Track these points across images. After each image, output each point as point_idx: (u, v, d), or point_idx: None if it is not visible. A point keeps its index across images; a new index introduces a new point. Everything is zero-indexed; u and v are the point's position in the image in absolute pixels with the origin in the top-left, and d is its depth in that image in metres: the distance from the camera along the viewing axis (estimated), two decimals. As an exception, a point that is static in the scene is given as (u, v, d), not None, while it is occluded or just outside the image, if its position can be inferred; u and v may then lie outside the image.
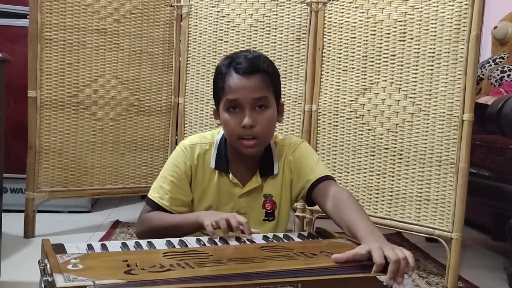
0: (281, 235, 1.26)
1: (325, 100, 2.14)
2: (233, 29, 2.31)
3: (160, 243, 1.16)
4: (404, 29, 1.92)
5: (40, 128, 2.16)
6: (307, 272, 0.98)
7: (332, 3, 2.12)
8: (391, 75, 1.95)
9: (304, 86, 2.20)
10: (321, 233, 1.30)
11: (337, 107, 2.10)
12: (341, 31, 2.09)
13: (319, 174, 1.40)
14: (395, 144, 1.95)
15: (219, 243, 1.18)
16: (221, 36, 2.34)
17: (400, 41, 1.93)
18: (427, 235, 1.94)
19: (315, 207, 1.82)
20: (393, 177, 1.96)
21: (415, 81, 1.89)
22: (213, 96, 1.44)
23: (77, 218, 2.52)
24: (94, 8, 2.23)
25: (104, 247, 1.12)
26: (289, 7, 2.23)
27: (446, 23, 1.82)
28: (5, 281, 1.64)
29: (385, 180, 1.98)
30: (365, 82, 2.02)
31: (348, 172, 2.08)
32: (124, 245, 1.13)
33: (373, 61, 2.00)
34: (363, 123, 2.03)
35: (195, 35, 2.40)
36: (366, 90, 2.02)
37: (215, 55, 2.35)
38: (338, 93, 2.10)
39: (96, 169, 2.30)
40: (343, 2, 2.08)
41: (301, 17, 2.20)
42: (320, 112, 2.16)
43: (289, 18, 2.23)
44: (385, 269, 0.99)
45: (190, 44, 2.41)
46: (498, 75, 2.66)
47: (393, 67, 1.95)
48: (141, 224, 1.43)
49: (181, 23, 2.44)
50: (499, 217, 2.27)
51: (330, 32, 2.13)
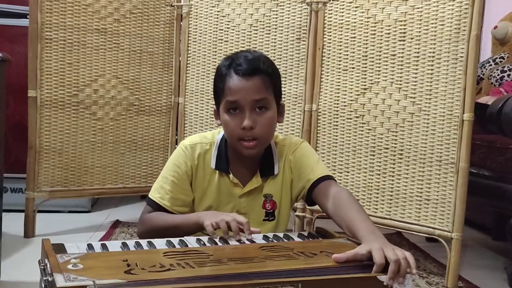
0: (281, 235, 1.26)
1: (325, 100, 2.14)
2: (233, 29, 2.31)
3: (160, 243, 1.16)
4: (404, 29, 1.92)
5: (40, 127, 2.16)
6: (307, 272, 0.98)
7: (332, 3, 2.12)
8: (391, 75, 1.95)
9: (304, 86, 2.20)
10: (321, 233, 1.30)
11: (337, 107, 2.10)
12: (341, 31, 2.09)
13: (320, 174, 1.40)
14: (395, 144, 1.95)
15: (219, 243, 1.18)
16: (221, 35, 2.33)
17: (400, 41, 1.93)
18: (427, 235, 1.94)
19: (315, 207, 1.82)
20: (393, 177, 1.96)
21: (415, 81, 1.89)
22: (213, 96, 1.45)
23: (77, 218, 2.52)
24: (94, 7, 2.23)
25: (104, 247, 1.12)
26: (289, 7, 2.22)
27: (446, 23, 1.82)
28: (5, 281, 1.64)
29: (385, 180, 1.98)
30: (365, 82, 2.02)
31: (348, 172, 2.08)
32: (124, 245, 1.13)
33: (373, 61, 2.00)
34: (363, 123, 2.03)
35: (195, 35, 2.40)
36: (366, 90, 2.02)
37: (215, 54, 2.35)
38: (338, 93, 2.10)
39: (96, 169, 2.30)
40: (343, 2, 2.08)
41: (301, 17, 2.20)
42: (320, 112, 2.16)
43: (289, 17, 2.23)
44: (385, 269, 0.99)
45: (190, 43, 2.41)
46: (498, 75, 2.66)
47: (393, 67, 1.95)
48: (143, 224, 1.43)
49: (181, 23, 2.44)
50: (499, 217, 2.27)
51: (330, 32, 2.13)
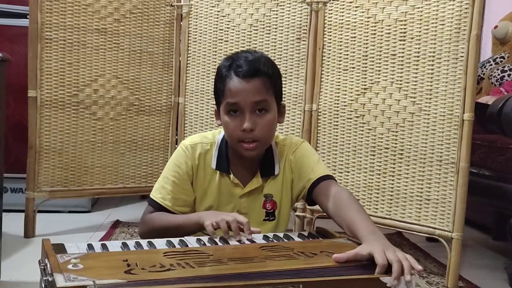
0: (281, 234, 1.26)
1: (326, 99, 2.14)
2: (233, 29, 2.31)
3: (160, 242, 1.16)
4: (404, 28, 1.92)
5: (40, 127, 2.16)
6: (307, 272, 0.98)
7: (332, 3, 2.12)
8: (391, 75, 1.95)
9: (304, 85, 2.20)
10: (321, 232, 1.30)
11: (338, 107, 2.10)
12: (342, 31, 2.09)
13: (320, 173, 1.40)
14: (396, 143, 1.95)
15: (219, 243, 1.18)
16: (221, 35, 2.33)
17: (400, 40, 1.93)
18: (427, 235, 1.94)
19: (316, 207, 1.82)
20: (393, 176, 1.96)
21: (416, 81, 1.89)
22: (214, 96, 1.44)
23: (77, 218, 2.52)
24: (94, 7, 2.23)
25: (104, 247, 1.12)
26: (290, 7, 2.22)
27: (446, 23, 1.82)
28: (5, 281, 1.64)
29: (385, 179, 1.98)
30: (365, 81, 2.02)
31: (348, 171, 2.08)
32: (124, 245, 1.13)
33: (373, 61, 2.00)
34: (363, 123, 2.03)
35: (195, 35, 2.40)
36: (366, 89, 2.02)
37: (215, 54, 2.35)
38: (338, 92, 2.10)
39: (96, 169, 2.30)
40: (344, 1, 2.08)
41: (301, 17, 2.20)
42: (320, 111, 2.16)
43: (289, 17, 2.23)
44: (387, 270, 0.99)
45: (190, 43, 2.41)
46: (498, 75, 2.66)
47: (394, 67, 1.95)
48: (144, 224, 1.43)
49: (181, 23, 2.43)
50: (500, 217, 2.27)
51: (330, 31, 2.13)
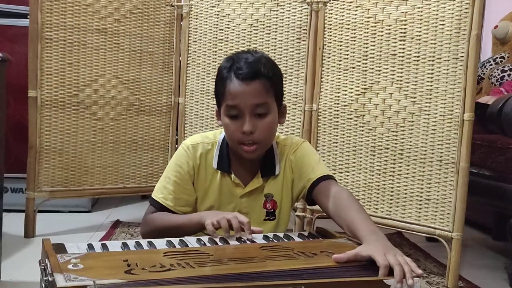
0: (281, 234, 1.26)
1: (326, 99, 2.14)
2: (233, 29, 2.31)
3: (160, 242, 1.16)
4: (404, 28, 1.92)
5: (40, 128, 2.16)
6: (308, 272, 0.98)
7: (332, 3, 2.12)
8: (391, 75, 1.95)
9: (304, 85, 2.20)
10: (321, 232, 1.30)
11: (338, 107, 2.10)
12: (342, 31, 2.09)
13: (320, 173, 1.40)
14: (396, 143, 1.95)
15: (220, 243, 1.18)
16: (222, 35, 2.33)
17: (400, 40, 1.93)
18: (427, 235, 1.94)
19: (316, 207, 1.82)
20: (393, 176, 1.96)
21: (416, 81, 1.89)
22: (214, 97, 1.44)
23: (77, 218, 2.52)
24: (94, 7, 2.23)
25: (104, 247, 1.12)
26: (290, 7, 2.22)
27: (446, 23, 1.82)
28: (5, 281, 1.64)
29: (385, 179, 1.98)
30: (365, 81, 2.02)
31: (348, 171, 2.08)
32: (124, 245, 1.13)
33: (373, 61, 2.00)
34: (363, 123, 2.03)
35: (196, 35, 2.40)
36: (366, 89, 2.02)
37: (216, 54, 2.35)
38: (338, 92, 2.10)
39: (96, 169, 2.30)
40: (344, 1, 2.08)
41: (301, 17, 2.20)
42: (320, 111, 2.16)
43: (289, 17, 2.23)
44: (390, 272, 0.99)
45: (190, 43, 2.41)
46: (498, 75, 2.66)
47: (394, 67, 1.95)
48: (146, 225, 1.43)
49: (182, 23, 2.43)
50: (500, 217, 2.27)
51: (330, 31, 2.13)
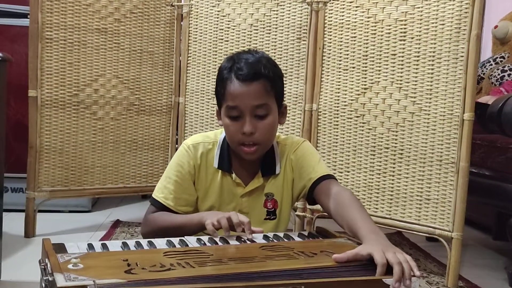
0: (281, 234, 1.26)
1: (326, 99, 2.14)
2: (233, 29, 2.31)
3: (160, 242, 1.16)
4: (404, 28, 1.92)
5: (40, 127, 2.16)
6: (308, 272, 0.98)
7: (332, 3, 2.12)
8: (391, 75, 1.95)
9: (304, 85, 2.20)
10: (321, 232, 1.30)
11: (338, 107, 2.10)
12: (342, 31, 2.09)
13: (321, 173, 1.40)
14: (396, 143, 1.95)
15: (220, 243, 1.18)
16: (222, 35, 2.33)
17: (400, 40, 1.93)
18: (427, 235, 1.94)
19: (316, 207, 1.82)
20: (393, 176, 1.96)
21: (416, 81, 1.89)
22: (215, 97, 1.44)
23: (77, 217, 2.52)
24: (94, 7, 2.23)
25: (104, 246, 1.12)
26: (290, 7, 2.23)
27: (446, 23, 1.82)
28: (5, 281, 1.64)
29: (385, 179, 1.98)
30: (365, 81, 2.02)
31: (348, 171, 2.08)
32: (124, 245, 1.13)
33: (373, 61, 2.00)
34: (363, 123, 2.03)
35: (196, 35, 2.40)
36: (366, 89, 2.02)
37: (216, 54, 2.35)
38: (338, 92, 2.10)
39: (96, 169, 2.30)
40: (344, 1, 2.08)
41: (301, 17, 2.20)
42: (320, 111, 2.16)
43: (289, 17, 2.23)
44: (388, 271, 0.99)
45: (190, 43, 2.41)
46: (498, 75, 2.66)
47: (394, 67, 1.95)
48: (146, 224, 1.43)
49: (182, 23, 2.44)
50: (500, 217, 2.27)
51: (330, 31, 2.13)
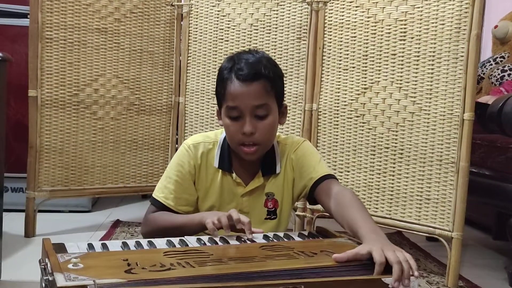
0: (281, 234, 1.26)
1: (326, 99, 2.14)
2: (233, 28, 2.31)
3: (160, 242, 1.16)
4: (404, 28, 1.92)
5: (40, 127, 2.16)
6: (308, 272, 0.98)
7: (332, 3, 2.12)
8: (391, 74, 1.95)
9: (304, 85, 2.20)
10: (321, 232, 1.30)
11: (338, 106, 2.10)
12: (342, 30, 2.09)
13: (322, 172, 1.40)
14: (396, 143, 1.95)
15: (220, 242, 1.18)
16: (222, 35, 2.33)
17: (400, 40, 1.93)
18: (427, 234, 1.94)
19: (316, 206, 1.82)
20: (393, 176, 1.96)
21: (416, 80, 1.89)
22: (215, 97, 1.44)
23: (77, 217, 2.52)
24: (94, 7, 2.23)
25: (104, 246, 1.12)
26: (290, 6, 2.23)
27: (446, 22, 1.82)
28: (5, 281, 1.64)
29: (385, 179, 1.98)
30: (365, 81, 2.02)
31: (348, 171, 2.08)
32: (124, 245, 1.13)
33: (373, 60, 2.00)
34: (363, 122, 2.03)
35: (196, 34, 2.40)
36: (366, 89, 2.02)
37: (216, 54, 2.35)
38: (338, 92, 2.10)
39: (96, 168, 2.30)
40: (344, 1, 2.08)
41: (301, 16, 2.20)
42: (320, 111, 2.16)
43: (289, 17, 2.23)
44: (387, 270, 0.99)
45: (190, 43, 2.41)
46: (498, 74, 2.66)
47: (394, 66, 1.95)
48: (147, 224, 1.43)
49: (182, 22, 2.44)
50: (500, 216, 2.27)
51: (330, 31, 2.13)
